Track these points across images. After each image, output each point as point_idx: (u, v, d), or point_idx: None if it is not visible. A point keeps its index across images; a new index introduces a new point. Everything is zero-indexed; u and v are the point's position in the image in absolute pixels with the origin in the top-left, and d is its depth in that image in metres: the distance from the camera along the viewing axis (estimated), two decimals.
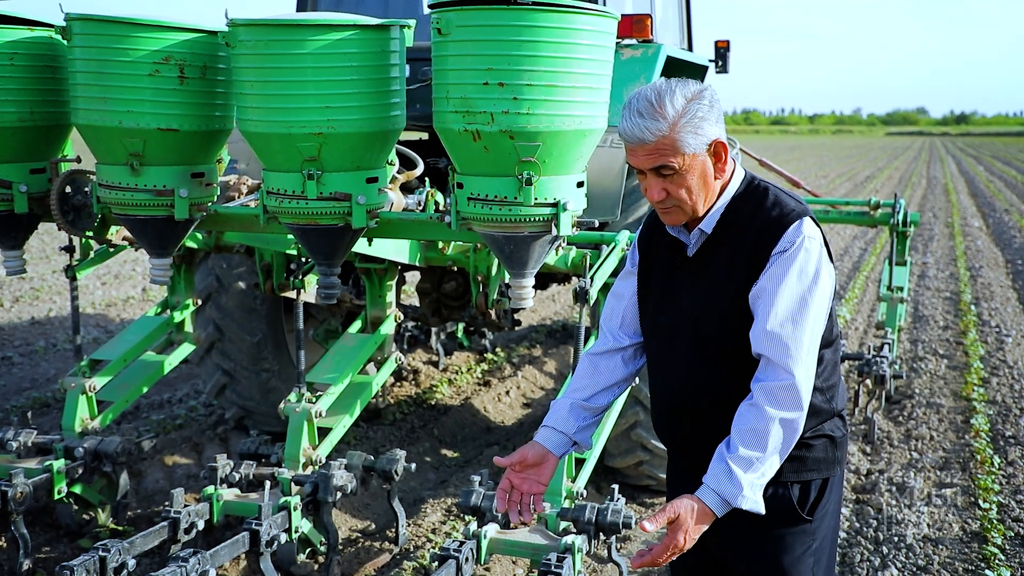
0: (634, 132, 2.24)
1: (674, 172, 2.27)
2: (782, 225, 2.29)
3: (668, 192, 2.30)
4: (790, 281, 2.24)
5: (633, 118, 2.24)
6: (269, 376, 5.91)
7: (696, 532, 2.23)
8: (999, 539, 4.81)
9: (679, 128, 2.22)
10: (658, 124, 2.22)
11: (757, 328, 2.26)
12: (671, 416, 2.52)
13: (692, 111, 2.23)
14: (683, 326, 2.42)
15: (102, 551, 3.52)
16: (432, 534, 4.93)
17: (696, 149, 2.26)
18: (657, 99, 2.23)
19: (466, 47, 3.33)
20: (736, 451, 2.21)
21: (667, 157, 2.25)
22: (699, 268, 2.41)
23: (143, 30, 3.60)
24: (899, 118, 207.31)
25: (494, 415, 7.01)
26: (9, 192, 4.13)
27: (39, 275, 11.97)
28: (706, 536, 2.35)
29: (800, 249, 2.26)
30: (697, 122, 2.23)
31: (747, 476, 2.20)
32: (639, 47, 5.17)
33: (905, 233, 7.68)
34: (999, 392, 7.38)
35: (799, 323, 2.24)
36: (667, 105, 2.22)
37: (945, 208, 22.78)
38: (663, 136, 2.23)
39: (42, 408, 6.83)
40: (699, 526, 2.22)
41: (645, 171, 2.30)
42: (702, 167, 2.29)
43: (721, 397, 2.36)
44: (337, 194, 3.65)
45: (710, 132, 2.26)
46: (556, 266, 4.70)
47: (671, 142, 2.23)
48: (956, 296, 11.42)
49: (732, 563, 2.54)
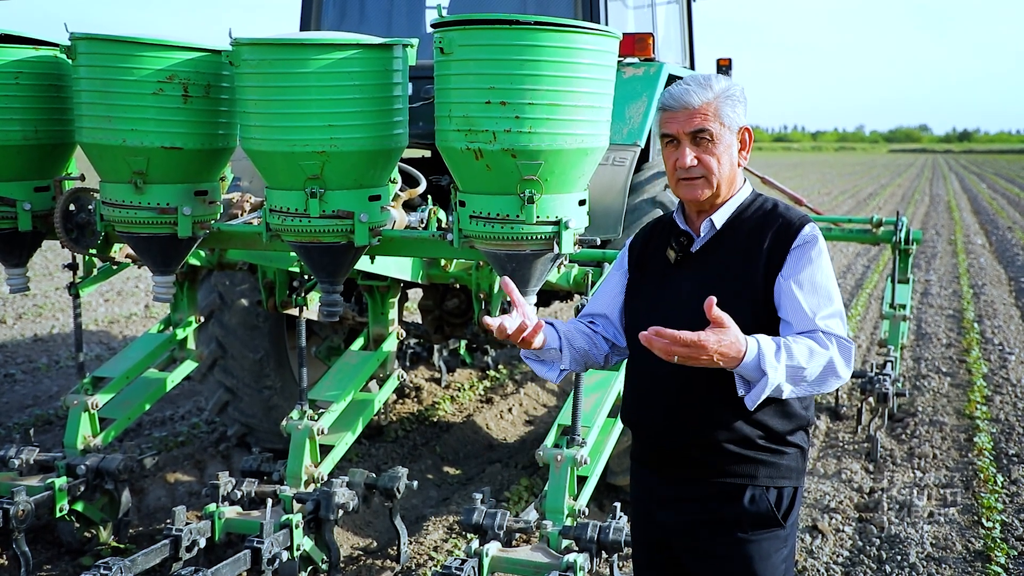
0: (681, 96, 2.44)
1: (709, 140, 2.44)
2: (799, 224, 2.45)
3: (700, 159, 2.45)
4: (818, 267, 2.40)
5: (681, 87, 2.46)
6: (271, 393, 5.91)
7: (719, 352, 2.15)
8: (1002, 558, 4.79)
9: (722, 100, 2.44)
10: (705, 92, 2.44)
11: (792, 310, 2.37)
12: (649, 398, 2.55)
13: (732, 91, 2.47)
14: (679, 317, 2.40)
15: (104, 569, 3.52)
16: (434, 552, 4.92)
17: (731, 125, 2.46)
18: (704, 78, 2.47)
19: (469, 66, 3.35)
20: (790, 348, 2.25)
21: (707, 121, 2.43)
22: (704, 263, 2.50)
23: (147, 49, 3.63)
24: (902, 135, 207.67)
25: (496, 432, 7.00)
26: (13, 210, 4.15)
27: (42, 292, 11.99)
28: (678, 541, 2.49)
29: (817, 241, 2.43)
30: (734, 102, 2.46)
31: (781, 366, 2.22)
32: (641, 65, 5.19)
33: (908, 251, 7.67)
34: (1002, 410, 7.36)
35: (835, 301, 2.40)
36: (713, 81, 2.47)
37: (948, 226, 22.78)
38: (707, 102, 2.43)
39: (44, 425, 6.83)
40: (723, 352, 2.15)
41: (680, 137, 2.45)
42: (730, 147, 2.48)
43: (714, 385, 2.40)
44: (340, 212, 3.66)
45: (742, 117, 2.49)
46: (558, 284, 4.71)
47: (714, 109, 2.44)
48: (959, 314, 11.40)
49: (703, 570, 2.56)
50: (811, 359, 2.28)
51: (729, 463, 2.46)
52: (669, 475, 2.56)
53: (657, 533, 2.62)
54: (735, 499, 2.47)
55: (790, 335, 2.33)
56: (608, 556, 3.74)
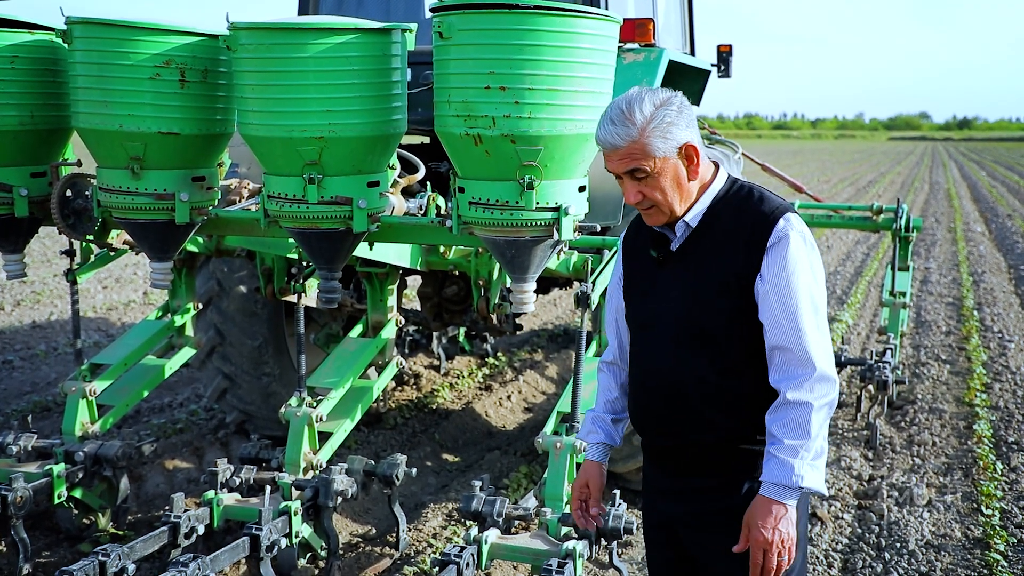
0: (607, 138, 2.37)
1: (646, 175, 2.38)
2: (773, 218, 2.38)
3: (644, 194, 2.42)
4: (794, 271, 2.35)
5: (606, 125, 2.37)
6: (270, 380, 5.90)
7: (783, 527, 2.35)
8: (1002, 545, 4.79)
9: (648, 133, 2.33)
10: (628, 130, 2.33)
11: (771, 320, 2.35)
12: (651, 403, 2.56)
13: (660, 117, 2.34)
14: (667, 316, 2.49)
15: (102, 556, 3.51)
16: (433, 539, 4.92)
17: (666, 153, 2.36)
18: (627, 107, 2.34)
19: (468, 51, 3.33)
20: (781, 443, 2.33)
21: (638, 161, 2.36)
22: (685, 261, 2.48)
23: (144, 34, 3.60)
24: (902, 123, 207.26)
25: (495, 420, 7.00)
26: (10, 196, 4.13)
27: (40, 279, 11.97)
28: (681, 529, 2.55)
29: (796, 239, 2.36)
30: (666, 127, 2.34)
31: (797, 461, 2.32)
32: (641, 51, 5.16)
33: (908, 238, 7.66)
34: (1001, 398, 7.36)
35: (809, 309, 2.35)
36: (636, 112, 2.33)
37: (948, 213, 22.76)
38: (633, 141, 2.34)
39: (42, 412, 6.82)
40: (779, 520, 2.35)
41: (620, 174, 2.41)
42: (674, 170, 2.39)
43: (704, 384, 2.43)
44: (338, 198, 3.64)
45: (680, 136, 2.36)
46: (558, 270, 4.70)
47: (641, 147, 2.34)
48: (959, 301, 11.40)
49: (705, 558, 2.57)
50: (806, 426, 2.32)
51: (726, 459, 2.48)
52: (669, 469, 2.59)
53: (662, 520, 2.65)
54: (734, 491, 2.48)
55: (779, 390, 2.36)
56: (607, 543, 3.74)
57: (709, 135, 6.67)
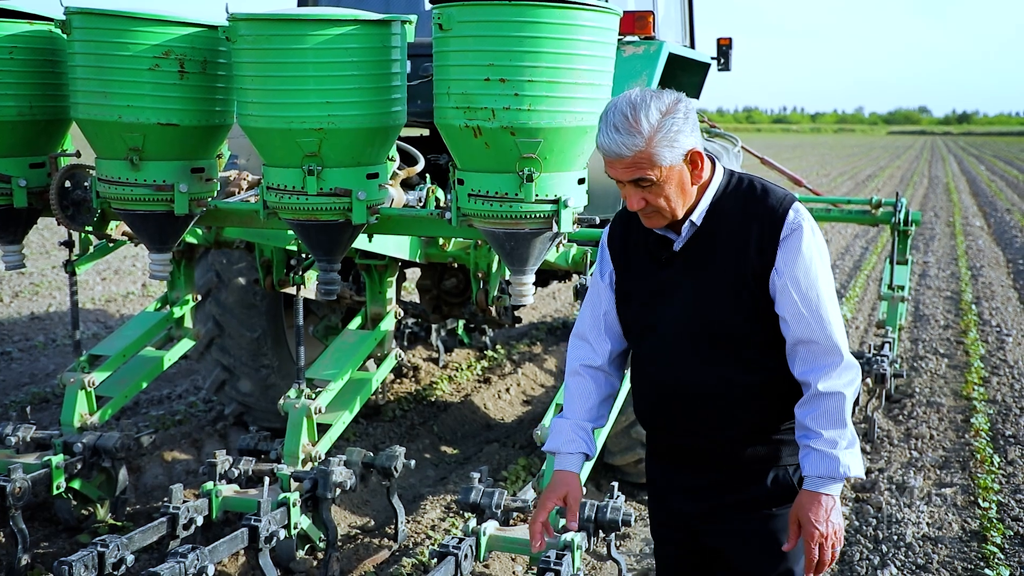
0: (611, 147, 2.29)
1: (652, 184, 2.32)
2: (783, 211, 2.37)
3: (647, 201, 2.36)
4: (810, 263, 2.35)
5: (610, 133, 2.28)
6: (269, 372, 5.90)
7: (835, 518, 2.38)
8: (998, 538, 4.80)
9: (655, 143, 2.27)
10: (634, 139, 2.26)
11: (792, 313, 2.35)
12: (669, 405, 2.54)
13: (667, 126, 2.27)
14: (679, 318, 2.45)
15: (100, 546, 3.51)
16: (431, 531, 4.92)
17: (673, 161, 2.31)
18: (632, 114, 2.26)
19: (467, 43, 3.32)
20: (820, 436, 2.35)
21: (644, 170, 2.30)
22: (693, 260, 2.44)
23: (143, 24, 3.59)
24: (901, 117, 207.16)
25: (494, 412, 7.01)
26: (8, 186, 4.12)
27: (38, 270, 11.97)
28: (700, 523, 2.54)
29: (807, 230, 2.36)
30: (673, 136, 2.27)
31: (840, 452, 2.35)
32: (641, 44, 5.15)
33: (906, 232, 7.66)
34: (999, 391, 7.37)
35: (828, 298, 2.36)
36: (643, 120, 2.26)
37: (946, 207, 22.76)
38: (640, 151, 2.27)
39: (41, 403, 6.82)
40: (830, 512, 2.37)
41: (623, 181, 2.35)
42: (679, 176, 2.35)
43: (727, 382, 2.42)
44: (337, 190, 3.64)
45: (686, 143, 2.30)
46: (557, 263, 4.69)
47: (648, 156, 2.28)
48: (957, 295, 11.40)
49: (729, 547, 2.57)
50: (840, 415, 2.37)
51: (751, 452, 2.47)
52: (689, 467, 2.56)
53: (676, 516, 2.63)
54: (759, 481, 2.48)
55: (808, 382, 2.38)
56: (605, 535, 3.74)
57: (708, 128, 6.67)
